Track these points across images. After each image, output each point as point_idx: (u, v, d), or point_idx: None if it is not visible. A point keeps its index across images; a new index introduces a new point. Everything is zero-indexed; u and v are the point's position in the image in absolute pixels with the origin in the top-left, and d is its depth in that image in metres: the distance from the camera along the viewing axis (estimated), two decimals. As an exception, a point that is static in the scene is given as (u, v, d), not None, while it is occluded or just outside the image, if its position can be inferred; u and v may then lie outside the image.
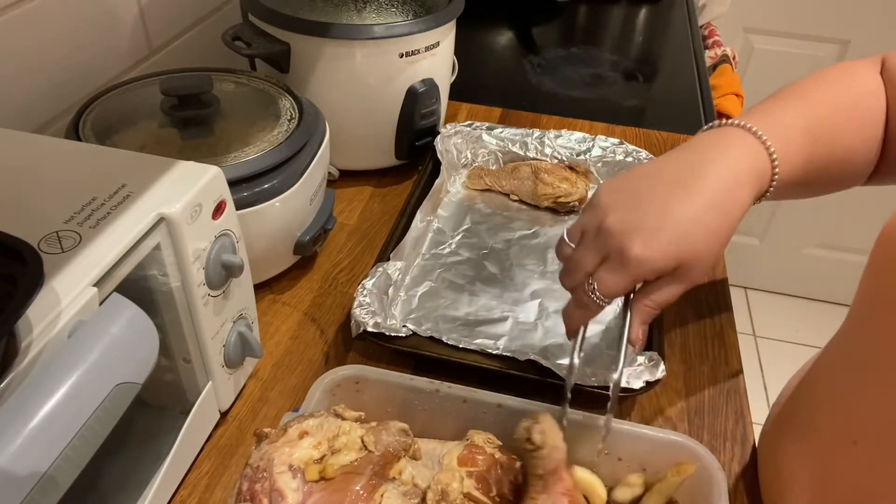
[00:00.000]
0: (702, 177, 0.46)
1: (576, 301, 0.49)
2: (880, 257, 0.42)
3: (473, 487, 0.47)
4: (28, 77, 0.66)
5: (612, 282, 0.46)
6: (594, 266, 0.47)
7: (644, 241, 0.44)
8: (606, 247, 0.46)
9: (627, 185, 0.48)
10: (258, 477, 0.43)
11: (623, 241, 0.45)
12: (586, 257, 0.47)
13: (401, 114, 0.79)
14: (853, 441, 0.43)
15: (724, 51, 1.35)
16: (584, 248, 0.48)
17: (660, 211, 0.45)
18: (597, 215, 0.47)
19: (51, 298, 0.36)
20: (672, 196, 0.45)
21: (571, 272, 0.49)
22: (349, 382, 0.52)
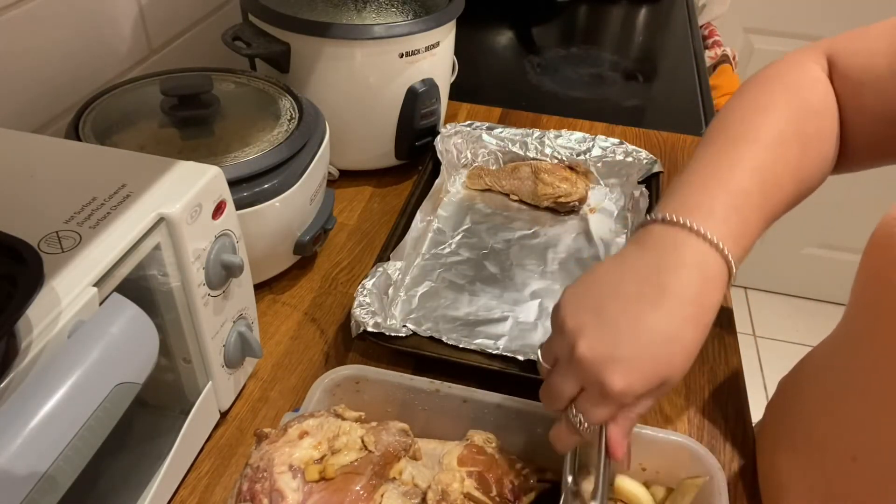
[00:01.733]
0: (663, 288, 0.42)
1: (565, 426, 0.46)
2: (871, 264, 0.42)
3: (473, 487, 0.47)
4: (28, 77, 0.66)
5: (598, 414, 0.43)
6: (574, 392, 0.44)
7: (623, 372, 0.41)
8: (584, 379, 0.43)
9: (590, 301, 0.44)
10: (258, 477, 0.43)
11: (600, 374, 0.41)
12: (564, 385, 0.44)
13: (401, 114, 0.79)
14: (853, 457, 0.43)
15: (724, 51, 1.35)
16: (560, 375, 0.44)
17: (632, 334, 0.42)
18: (565, 341, 0.44)
19: (51, 298, 0.36)
20: (641, 315, 0.42)
21: (552, 398, 0.46)
22: (349, 382, 0.52)
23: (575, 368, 0.43)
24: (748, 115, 0.51)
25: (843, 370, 0.47)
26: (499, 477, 0.48)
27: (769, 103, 0.51)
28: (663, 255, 0.44)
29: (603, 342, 0.42)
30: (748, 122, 0.50)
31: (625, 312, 0.42)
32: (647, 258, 0.44)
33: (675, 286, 0.42)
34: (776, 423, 0.55)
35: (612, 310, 0.43)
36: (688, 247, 0.44)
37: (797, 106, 0.50)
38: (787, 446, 0.51)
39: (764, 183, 0.47)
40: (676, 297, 0.42)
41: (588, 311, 0.43)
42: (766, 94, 0.52)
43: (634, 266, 0.44)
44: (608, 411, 0.43)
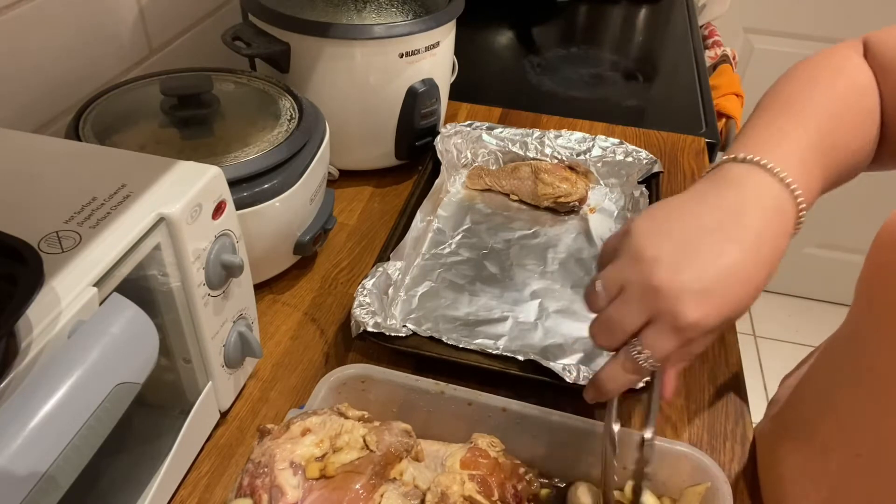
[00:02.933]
0: (744, 226, 0.42)
1: (621, 365, 0.44)
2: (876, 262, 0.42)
3: (475, 490, 0.47)
4: (28, 77, 0.66)
5: (666, 346, 0.42)
6: (639, 324, 0.42)
7: (699, 304, 0.41)
8: (656, 309, 0.41)
9: (669, 229, 0.43)
10: (259, 472, 0.44)
11: (676, 304, 0.41)
12: (629, 316, 0.42)
13: (401, 114, 0.79)
14: (857, 454, 0.43)
15: (724, 51, 1.35)
16: (626, 305, 0.43)
17: (714, 267, 0.41)
18: (643, 270, 0.42)
19: (51, 298, 0.36)
20: (724, 250, 0.42)
21: (611, 331, 0.44)
22: (355, 381, 0.52)
23: (648, 297, 0.42)
24: (801, 88, 0.51)
25: (848, 368, 0.47)
26: (501, 481, 0.48)
27: (818, 78, 0.52)
28: (743, 192, 0.44)
29: (684, 271, 0.41)
30: (801, 93, 0.50)
31: (707, 245, 0.42)
32: (726, 194, 0.44)
33: (756, 226, 0.42)
34: (779, 421, 0.55)
35: (694, 240, 0.42)
36: (767, 188, 0.44)
37: (845, 83, 0.51)
38: (789, 445, 0.51)
39: (824, 148, 0.47)
40: (757, 238, 0.42)
41: (668, 239, 0.42)
42: (815, 72, 0.52)
43: (715, 201, 0.44)
44: (676, 344, 0.42)
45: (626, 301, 0.43)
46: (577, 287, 0.70)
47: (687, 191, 0.46)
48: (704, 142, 0.95)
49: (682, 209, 0.44)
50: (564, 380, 0.56)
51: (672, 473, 0.49)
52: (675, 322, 0.41)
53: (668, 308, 0.41)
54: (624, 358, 0.44)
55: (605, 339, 0.44)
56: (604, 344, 0.45)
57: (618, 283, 0.44)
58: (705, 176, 0.47)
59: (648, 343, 0.42)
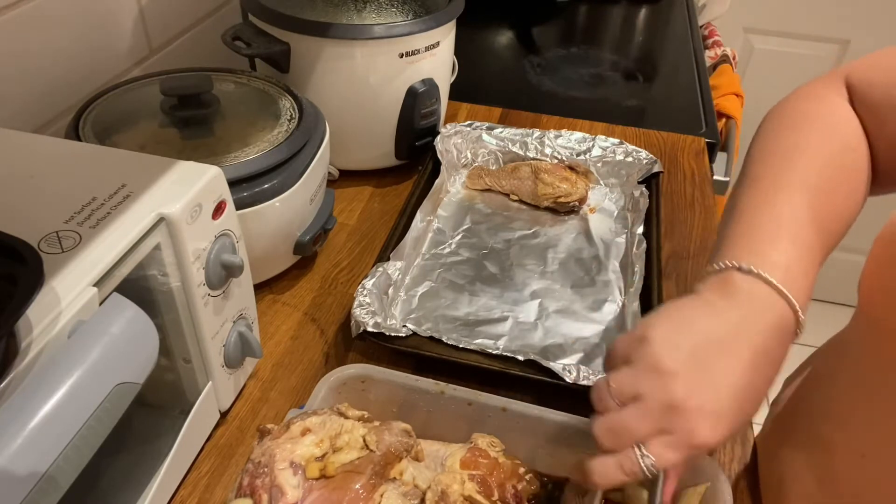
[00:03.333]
0: (753, 345, 0.42)
1: (619, 464, 0.43)
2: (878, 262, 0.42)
3: (475, 490, 0.47)
4: (28, 77, 0.66)
5: (673, 458, 0.41)
6: (649, 434, 0.42)
7: (714, 425, 0.41)
8: (671, 425, 0.41)
9: (683, 341, 0.43)
10: (259, 472, 0.44)
11: (694, 424, 0.41)
12: (642, 427, 0.42)
13: (401, 114, 0.79)
14: (861, 454, 0.43)
15: (724, 51, 1.35)
16: (642, 418, 0.42)
17: (731, 389, 0.41)
18: (662, 384, 0.42)
19: (51, 298, 0.36)
20: (740, 372, 0.42)
21: (619, 438, 0.43)
22: (355, 381, 0.52)
23: (665, 413, 0.41)
24: (789, 156, 0.50)
25: (852, 369, 0.47)
26: (501, 481, 0.48)
27: (806, 144, 0.50)
28: (750, 309, 0.44)
29: (701, 392, 0.41)
30: (790, 162, 0.50)
31: (721, 363, 0.42)
32: (735, 309, 0.44)
33: (763, 344, 0.43)
34: (781, 422, 0.55)
35: (709, 357, 0.42)
36: (774, 309, 0.44)
37: (835, 147, 0.50)
38: (792, 445, 0.51)
39: (818, 231, 0.47)
40: (765, 355, 0.43)
41: (686, 356, 0.42)
42: (802, 135, 0.51)
43: (726, 316, 0.44)
44: (682, 458, 0.42)
45: (642, 412, 0.42)
46: (577, 287, 0.70)
47: (696, 298, 0.46)
48: (704, 142, 0.95)
49: (697, 323, 0.44)
50: (564, 380, 0.56)
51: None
52: (690, 440, 0.41)
53: (685, 427, 0.41)
54: (623, 458, 0.43)
55: (612, 442, 0.44)
56: (609, 447, 0.44)
57: (633, 390, 0.43)
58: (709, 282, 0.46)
59: (656, 452, 0.42)
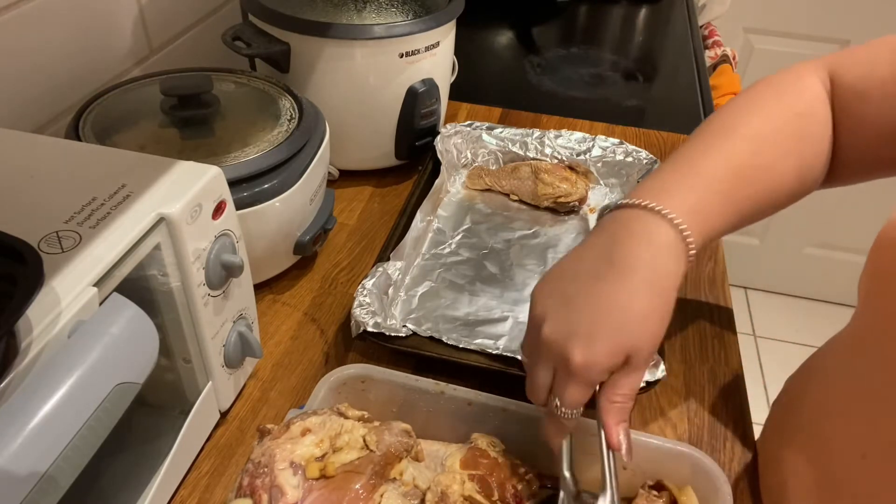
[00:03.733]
0: (626, 268, 0.44)
1: (549, 419, 0.47)
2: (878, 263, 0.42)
3: (475, 490, 0.47)
4: (28, 77, 0.66)
5: (571, 394, 0.44)
6: (549, 379, 0.45)
7: (582, 346, 0.42)
8: (552, 360, 0.44)
9: (555, 286, 0.46)
10: (259, 472, 0.44)
11: (562, 351, 0.43)
12: (540, 373, 0.46)
13: (401, 114, 0.79)
14: (862, 455, 0.43)
15: (724, 51, 1.35)
16: (535, 363, 0.46)
17: (588, 308, 0.43)
18: (535, 329, 0.46)
19: (51, 298, 0.36)
20: (595, 289, 0.44)
21: (533, 390, 0.47)
22: (355, 381, 0.52)
23: (544, 353, 0.45)
24: (733, 114, 0.52)
25: (853, 369, 0.47)
26: (501, 481, 0.48)
27: (754, 106, 0.52)
28: (615, 232, 0.46)
29: (563, 320, 0.44)
30: (731, 119, 0.52)
31: (581, 290, 0.44)
32: (601, 238, 0.47)
33: (624, 257, 0.44)
34: (782, 422, 0.55)
35: (571, 290, 0.45)
36: (637, 221, 0.46)
37: (781, 109, 0.52)
38: (793, 445, 0.51)
39: (734, 172, 0.48)
40: (626, 267, 0.44)
41: (550, 296, 0.46)
42: (754, 98, 0.53)
43: (591, 247, 0.47)
44: (580, 390, 0.44)
45: (533, 362, 0.46)
46: (577, 287, 0.70)
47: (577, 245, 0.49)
48: (704, 142, 0.95)
49: (565, 265, 0.47)
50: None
51: (672, 473, 0.49)
52: (567, 368, 0.43)
53: (559, 356, 0.43)
54: (547, 413, 0.46)
55: (533, 398, 0.47)
56: (535, 402, 0.47)
57: (527, 348, 0.48)
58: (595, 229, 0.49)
59: (556, 393, 0.45)
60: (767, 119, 0.51)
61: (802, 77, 0.54)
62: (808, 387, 0.53)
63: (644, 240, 0.45)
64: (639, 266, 0.44)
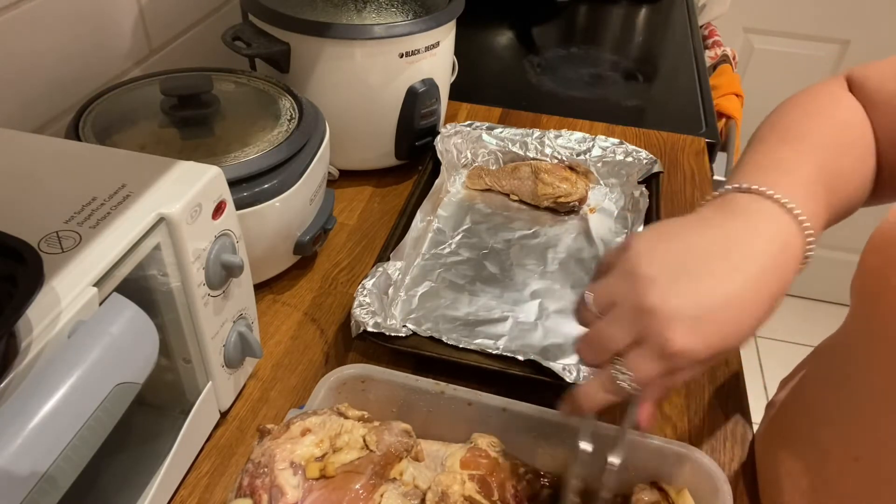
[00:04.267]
0: (750, 256, 0.40)
1: (601, 383, 0.42)
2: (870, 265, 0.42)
3: (475, 490, 0.47)
4: (28, 77, 0.66)
5: (649, 370, 0.40)
6: (625, 344, 0.40)
7: (689, 331, 0.38)
8: (645, 330, 0.39)
9: (669, 250, 0.41)
10: (259, 472, 0.44)
11: (667, 328, 0.38)
12: (617, 335, 0.41)
13: (401, 114, 0.79)
14: (855, 457, 0.43)
15: (724, 51, 1.35)
16: (616, 324, 0.41)
17: (709, 293, 0.39)
18: (636, 288, 0.40)
19: (51, 298, 0.36)
20: (723, 276, 0.40)
21: (596, 349, 0.42)
22: (355, 381, 0.52)
23: (638, 318, 0.40)
24: (796, 121, 0.50)
25: (845, 371, 0.47)
26: (501, 481, 0.48)
27: (816, 111, 0.51)
28: (751, 221, 0.42)
29: (678, 295, 0.39)
30: (797, 125, 0.49)
31: (708, 270, 0.40)
32: (731, 221, 0.42)
33: (762, 257, 0.40)
34: (777, 424, 0.55)
35: (693, 265, 0.40)
36: (775, 219, 0.42)
37: (838, 117, 0.50)
38: (788, 447, 0.51)
39: (825, 181, 0.46)
40: (762, 270, 0.40)
41: (666, 259, 0.40)
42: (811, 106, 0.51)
43: (719, 226, 0.42)
44: (660, 371, 0.40)
45: (616, 319, 0.41)
46: (577, 287, 0.70)
47: (691, 214, 0.44)
48: (704, 142, 0.95)
49: (686, 230, 0.42)
50: (564, 380, 0.56)
51: (672, 473, 0.49)
52: (663, 348, 0.39)
53: (657, 332, 0.39)
54: (605, 377, 0.42)
55: (589, 355, 0.43)
56: (588, 360, 0.43)
57: (609, 298, 0.42)
58: (708, 203, 0.45)
59: (632, 365, 0.40)
60: (831, 129, 0.49)
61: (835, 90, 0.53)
62: (801, 389, 0.53)
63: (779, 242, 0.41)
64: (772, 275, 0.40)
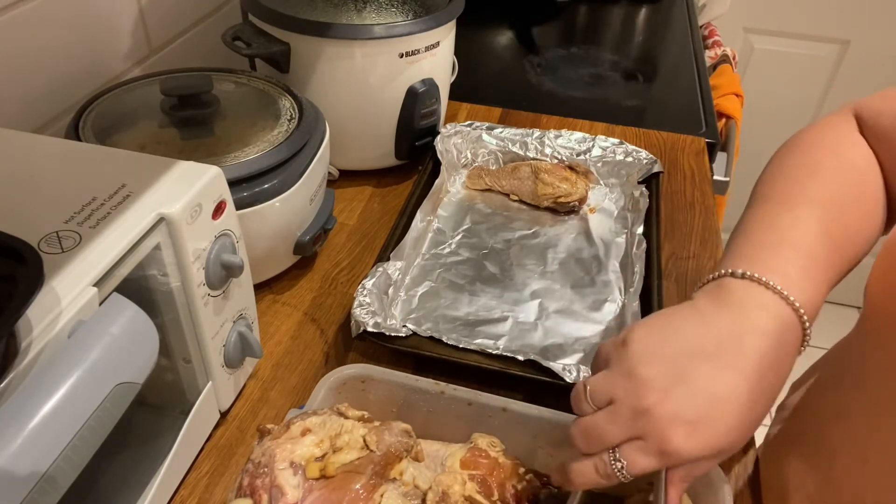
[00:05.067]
0: (745, 353, 0.41)
1: (595, 465, 0.42)
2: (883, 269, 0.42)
3: (475, 490, 0.47)
4: (28, 77, 0.66)
5: (644, 465, 0.40)
6: (621, 441, 0.41)
7: (689, 434, 0.39)
8: (642, 430, 0.40)
9: (666, 352, 0.42)
10: (259, 472, 0.44)
11: (665, 431, 0.39)
12: (613, 433, 0.41)
13: (401, 114, 0.79)
14: (864, 460, 0.43)
15: (724, 51, 1.35)
16: (613, 422, 0.41)
17: (704, 394, 0.40)
18: (634, 389, 0.41)
19: (51, 298, 0.36)
20: (716, 375, 0.40)
21: (592, 441, 0.42)
22: (355, 381, 0.52)
23: (636, 419, 0.40)
24: (798, 176, 0.49)
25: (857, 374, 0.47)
26: (501, 481, 0.48)
27: (816, 165, 0.50)
28: (744, 314, 0.42)
29: (677, 400, 0.40)
30: (799, 182, 0.49)
31: (703, 371, 0.40)
32: (726, 316, 0.42)
33: (757, 352, 0.41)
34: (786, 427, 0.54)
35: (690, 365, 0.41)
36: (769, 308, 0.42)
37: (843, 166, 0.49)
38: (796, 450, 0.51)
39: (827, 246, 0.45)
40: (758, 365, 0.40)
41: (664, 363, 0.41)
42: (811, 156, 0.51)
43: (714, 323, 0.42)
44: (655, 466, 0.41)
45: (614, 416, 0.41)
46: (577, 287, 0.70)
47: (687, 305, 0.44)
48: (704, 142, 0.95)
49: (683, 330, 0.43)
50: (564, 380, 0.56)
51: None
52: (661, 447, 0.40)
53: (656, 433, 0.40)
54: (598, 460, 0.42)
55: (585, 445, 0.43)
56: (583, 449, 0.43)
57: (607, 395, 0.42)
58: (704, 290, 0.45)
59: (627, 456, 0.41)
60: (836, 181, 0.48)
61: (843, 129, 0.52)
62: (812, 392, 0.53)
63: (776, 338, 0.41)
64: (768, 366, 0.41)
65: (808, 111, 1.86)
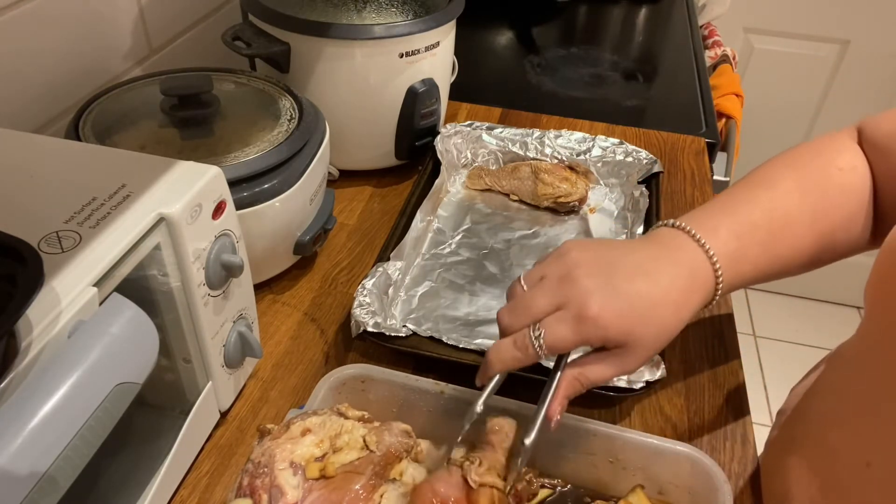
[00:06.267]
0: (662, 271, 0.47)
1: (513, 340, 0.46)
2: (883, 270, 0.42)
3: None
4: (28, 77, 0.66)
5: (562, 334, 0.45)
6: (544, 313, 0.45)
7: (605, 302, 0.44)
8: (565, 296, 0.45)
9: (596, 250, 0.48)
10: (259, 472, 0.44)
11: (585, 295, 0.44)
12: (540, 301, 0.46)
13: (401, 114, 0.79)
14: (867, 463, 0.43)
15: (724, 51, 1.35)
16: (541, 291, 0.46)
17: (624, 281, 0.45)
18: (564, 264, 0.47)
19: (51, 298, 0.36)
20: (636, 275, 0.46)
21: (517, 312, 0.47)
22: (355, 381, 0.52)
23: (561, 287, 0.45)
24: (772, 168, 0.55)
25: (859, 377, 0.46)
26: None
27: (794, 162, 0.55)
28: (665, 249, 0.49)
29: (598, 275, 0.46)
30: (771, 172, 0.54)
31: (625, 268, 0.47)
32: (652, 248, 0.49)
33: (669, 274, 0.47)
34: (787, 430, 0.54)
35: (617, 262, 0.47)
36: (686, 251, 0.48)
37: (821, 164, 0.54)
38: (798, 453, 0.51)
39: (773, 222, 0.50)
40: (668, 282, 0.47)
41: (594, 255, 0.47)
42: (793, 156, 0.55)
43: (641, 249, 0.49)
44: (571, 337, 0.45)
45: (541, 288, 0.46)
46: (577, 287, 0.70)
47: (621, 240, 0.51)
48: (704, 142, 0.95)
49: (613, 248, 0.49)
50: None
51: (672, 473, 0.49)
52: (580, 311, 0.44)
53: (577, 297, 0.44)
54: (518, 335, 0.46)
55: (509, 317, 0.47)
56: (506, 322, 0.47)
57: (538, 275, 0.48)
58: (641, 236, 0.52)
59: (547, 326, 0.45)
60: (807, 175, 0.53)
61: (836, 137, 0.56)
62: (813, 396, 0.53)
63: (687, 271, 0.48)
64: (677, 287, 0.47)
65: (807, 111, 1.86)
